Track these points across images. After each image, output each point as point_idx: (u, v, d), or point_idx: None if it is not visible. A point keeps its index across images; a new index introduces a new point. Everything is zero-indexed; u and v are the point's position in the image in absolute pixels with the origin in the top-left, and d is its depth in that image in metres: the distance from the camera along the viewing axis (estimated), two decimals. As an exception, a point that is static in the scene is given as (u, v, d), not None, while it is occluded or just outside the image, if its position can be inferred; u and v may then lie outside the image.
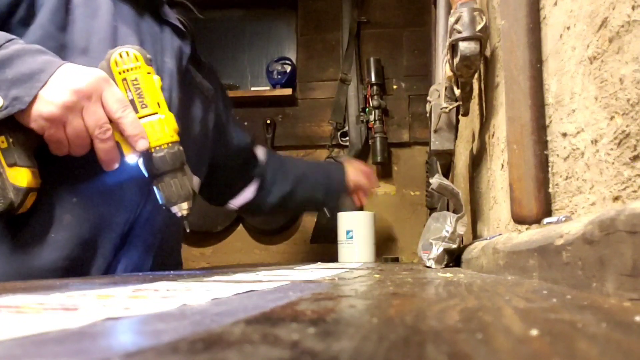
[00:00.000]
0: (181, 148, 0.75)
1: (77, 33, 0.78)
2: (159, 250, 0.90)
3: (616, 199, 0.42)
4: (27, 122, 0.66)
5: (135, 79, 0.72)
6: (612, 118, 0.42)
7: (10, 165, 0.66)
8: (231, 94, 2.35)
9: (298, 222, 2.28)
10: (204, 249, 2.32)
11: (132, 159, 0.73)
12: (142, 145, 0.71)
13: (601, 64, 0.44)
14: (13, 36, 0.68)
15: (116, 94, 0.70)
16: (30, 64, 0.66)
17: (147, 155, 0.73)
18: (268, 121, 2.29)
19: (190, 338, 0.18)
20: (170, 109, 0.77)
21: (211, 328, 0.21)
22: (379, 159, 2.15)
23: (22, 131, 0.67)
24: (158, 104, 0.74)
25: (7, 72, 0.64)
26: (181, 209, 0.76)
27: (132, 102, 0.72)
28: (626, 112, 0.39)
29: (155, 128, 0.72)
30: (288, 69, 2.34)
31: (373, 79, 2.19)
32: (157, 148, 0.73)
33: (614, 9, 0.41)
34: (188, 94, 0.96)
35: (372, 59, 2.21)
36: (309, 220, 2.24)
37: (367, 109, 2.20)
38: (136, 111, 0.72)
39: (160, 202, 0.75)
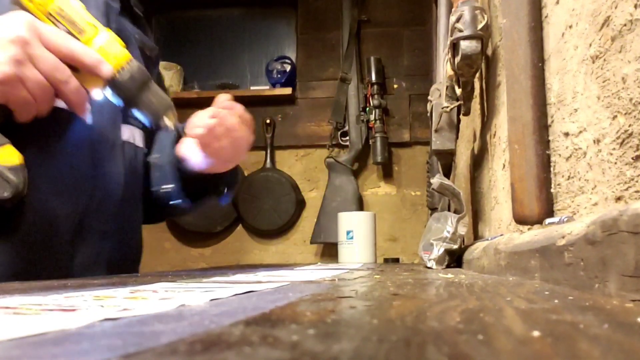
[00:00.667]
0: (137, 62, 0.68)
1: None
2: (118, 235, 0.83)
3: (618, 199, 0.42)
4: None
5: (60, 9, 0.65)
6: (614, 117, 0.42)
7: None
8: (231, 93, 2.36)
9: (298, 222, 2.28)
10: (203, 249, 2.32)
11: (98, 94, 0.66)
12: (107, 70, 0.64)
13: (603, 63, 0.44)
14: None
15: (52, 30, 0.63)
16: None
17: (113, 82, 0.66)
18: (268, 121, 2.29)
19: (189, 339, 0.18)
20: None
21: (210, 329, 0.21)
22: (379, 159, 2.15)
23: None
24: (94, 24, 0.66)
25: None
26: (169, 119, 0.69)
27: (69, 34, 0.64)
28: (629, 112, 0.39)
29: (107, 49, 0.65)
30: (288, 68, 2.34)
31: (373, 78, 2.19)
32: (120, 70, 0.66)
33: (616, 8, 0.41)
34: None
35: (372, 58, 2.21)
36: (309, 221, 2.24)
37: (367, 109, 2.20)
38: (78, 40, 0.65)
39: (148, 123, 0.69)
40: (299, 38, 2.37)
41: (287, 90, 2.27)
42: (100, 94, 0.66)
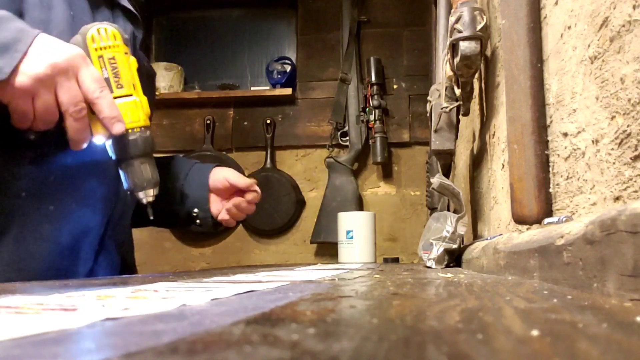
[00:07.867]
0: (151, 134, 0.73)
1: (34, 24, 0.70)
2: (125, 248, 0.89)
3: (617, 199, 0.42)
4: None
5: (113, 58, 0.69)
6: (613, 118, 0.42)
7: None
8: (231, 93, 2.37)
9: (298, 222, 2.28)
10: (204, 249, 2.32)
11: (100, 139, 0.69)
12: (118, 128, 0.68)
13: (602, 63, 0.44)
14: None
15: (94, 73, 0.67)
16: (3, 33, 0.62)
17: (119, 138, 0.70)
18: (268, 121, 2.29)
19: (189, 338, 0.18)
20: None
21: (211, 328, 0.21)
22: (379, 159, 2.15)
23: None
24: (134, 85, 0.71)
25: None
26: (147, 195, 0.73)
27: (107, 80, 0.69)
28: (627, 112, 0.39)
29: (129, 110, 0.69)
30: (288, 68, 2.34)
31: (373, 78, 2.19)
32: (130, 131, 0.70)
33: (614, 9, 0.41)
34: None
35: (372, 59, 2.21)
36: (309, 220, 2.24)
37: (367, 109, 2.20)
38: (111, 91, 0.69)
39: (126, 186, 0.73)
40: (299, 39, 2.37)
41: (287, 91, 2.26)
42: (102, 140, 0.70)
